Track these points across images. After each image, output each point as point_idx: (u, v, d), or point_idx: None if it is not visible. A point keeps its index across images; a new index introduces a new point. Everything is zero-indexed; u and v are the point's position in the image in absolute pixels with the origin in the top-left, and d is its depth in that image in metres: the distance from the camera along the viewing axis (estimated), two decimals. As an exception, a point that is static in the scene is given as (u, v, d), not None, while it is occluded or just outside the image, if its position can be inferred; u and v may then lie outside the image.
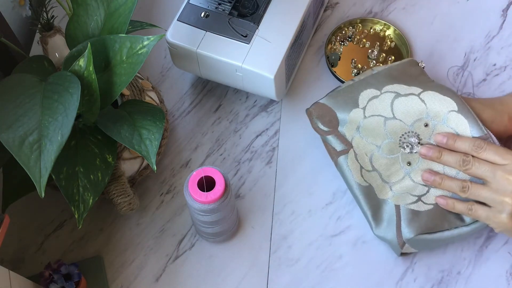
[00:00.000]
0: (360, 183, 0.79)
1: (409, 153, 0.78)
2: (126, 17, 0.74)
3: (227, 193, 0.73)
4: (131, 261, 0.83)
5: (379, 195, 0.79)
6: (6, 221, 0.65)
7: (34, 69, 0.77)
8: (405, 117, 0.80)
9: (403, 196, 0.78)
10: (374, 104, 0.81)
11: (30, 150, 0.63)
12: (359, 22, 0.97)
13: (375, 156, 0.79)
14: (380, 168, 0.79)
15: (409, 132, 0.79)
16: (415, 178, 0.78)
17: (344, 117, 0.81)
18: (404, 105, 0.80)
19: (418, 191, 0.78)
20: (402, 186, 0.78)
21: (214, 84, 0.94)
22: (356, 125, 0.81)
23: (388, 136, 0.79)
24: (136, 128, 0.73)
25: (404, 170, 0.78)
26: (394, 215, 0.77)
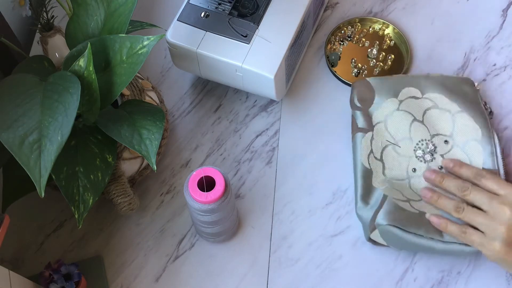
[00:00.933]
0: (363, 164, 0.81)
1: (418, 160, 0.80)
2: (126, 17, 0.74)
3: (227, 193, 0.73)
4: (131, 261, 0.83)
5: (374, 182, 0.80)
6: (6, 221, 0.65)
7: (34, 69, 0.77)
8: (432, 127, 0.82)
9: (395, 192, 0.79)
10: (411, 102, 0.84)
11: (30, 150, 0.63)
12: (358, 22, 0.97)
13: (387, 148, 0.81)
14: (386, 161, 0.81)
15: (428, 140, 0.81)
16: (413, 185, 0.79)
17: (379, 101, 0.84)
18: (435, 117, 0.82)
19: (410, 196, 0.79)
20: (398, 186, 0.79)
21: (214, 84, 0.94)
22: (386, 113, 0.83)
23: (408, 135, 0.81)
24: (136, 128, 0.73)
25: (407, 173, 0.80)
26: (379, 201, 0.78)
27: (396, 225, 0.76)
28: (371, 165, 0.81)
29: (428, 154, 0.80)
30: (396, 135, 0.82)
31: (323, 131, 0.90)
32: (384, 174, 0.80)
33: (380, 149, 0.82)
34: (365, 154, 0.82)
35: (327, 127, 0.90)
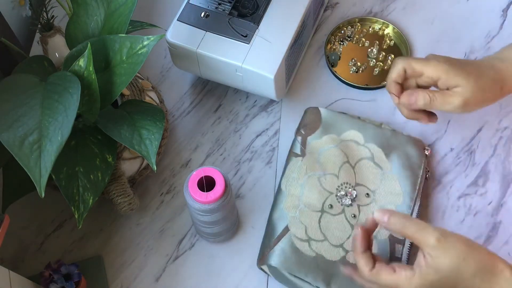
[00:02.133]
0: (282, 187, 0.82)
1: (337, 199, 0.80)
2: (126, 17, 0.74)
3: (227, 193, 0.73)
4: (131, 261, 0.83)
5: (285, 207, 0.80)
6: (6, 221, 0.65)
7: (34, 69, 0.77)
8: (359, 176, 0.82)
9: (297, 227, 0.79)
10: (350, 145, 0.84)
11: (30, 150, 0.63)
12: (358, 22, 0.97)
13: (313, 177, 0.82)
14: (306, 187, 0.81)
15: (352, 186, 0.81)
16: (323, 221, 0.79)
17: (320, 134, 0.85)
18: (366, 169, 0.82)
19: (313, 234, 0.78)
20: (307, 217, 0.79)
21: (214, 84, 0.94)
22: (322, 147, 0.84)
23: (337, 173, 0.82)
24: (136, 128, 0.73)
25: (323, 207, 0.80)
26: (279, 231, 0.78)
27: (285, 270, 0.76)
28: (287, 188, 0.81)
29: (349, 198, 0.80)
30: (326, 168, 0.82)
31: (323, 131, 0.90)
32: (300, 200, 0.80)
33: (304, 174, 0.82)
34: (287, 177, 0.82)
35: (327, 127, 0.90)
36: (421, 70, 0.76)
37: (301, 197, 0.81)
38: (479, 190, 0.84)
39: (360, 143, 0.84)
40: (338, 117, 0.86)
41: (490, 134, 0.88)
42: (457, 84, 0.74)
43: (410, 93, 0.77)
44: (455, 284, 0.64)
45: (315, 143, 0.84)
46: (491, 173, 0.85)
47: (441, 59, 0.77)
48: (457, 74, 0.74)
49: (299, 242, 0.78)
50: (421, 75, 0.77)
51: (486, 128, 0.88)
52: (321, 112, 0.86)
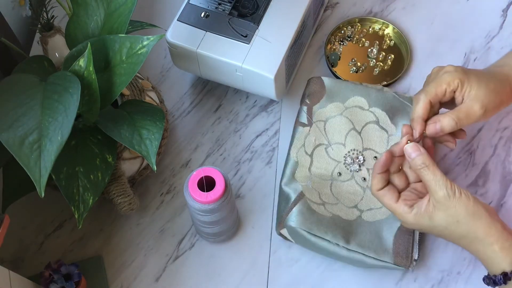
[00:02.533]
0: (292, 155, 0.83)
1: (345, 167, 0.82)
2: (126, 17, 0.74)
3: (227, 193, 0.73)
4: (131, 261, 0.83)
5: (296, 175, 0.82)
6: (6, 221, 0.65)
7: (34, 69, 0.77)
8: (366, 140, 0.83)
9: (312, 192, 0.80)
10: (355, 111, 0.84)
11: (30, 150, 0.63)
12: (358, 22, 0.97)
13: (320, 147, 0.83)
14: (315, 159, 0.82)
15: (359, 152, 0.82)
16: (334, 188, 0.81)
17: (326, 102, 0.85)
18: (373, 133, 0.83)
19: (327, 199, 0.80)
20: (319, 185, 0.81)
21: (214, 84, 0.94)
22: (328, 115, 0.84)
23: (343, 141, 0.83)
24: (136, 128, 0.73)
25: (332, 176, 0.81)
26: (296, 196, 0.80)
27: (304, 229, 0.77)
28: (298, 158, 0.83)
29: (356, 164, 0.82)
30: (332, 138, 0.83)
31: (323, 131, 0.90)
32: (310, 171, 0.82)
33: (313, 146, 0.83)
34: (295, 147, 0.83)
35: (327, 127, 0.90)
36: (443, 89, 0.74)
37: (311, 167, 0.82)
38: (479, 190, 0.84)
39: (365, 108, 0.84)
40: (341, 85, 0.86)
41: (490, 134, 0.88)
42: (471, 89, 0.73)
43: (433, 123, 0.74)
44: (443, 235, 0.71)
45: (320, 112, 0.85)
46: (491, 173, 0.85)
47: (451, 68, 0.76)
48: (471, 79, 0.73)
49: (315, 205, 0.79)
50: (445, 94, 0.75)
51: (486, 128, 0.88)
52: (325, 81, 0.87)
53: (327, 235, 0.76)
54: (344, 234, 0.77)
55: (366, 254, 0.76)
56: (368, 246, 0.76)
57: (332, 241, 0.76)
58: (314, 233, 0.77)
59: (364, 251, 0.76)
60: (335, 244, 0.76)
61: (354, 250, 0.76)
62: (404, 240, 0.77)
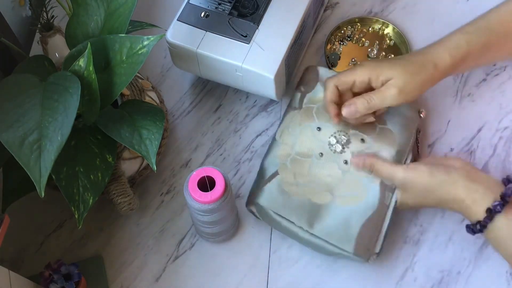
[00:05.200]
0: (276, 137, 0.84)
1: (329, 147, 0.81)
2: (126, 17, 0.74)
3: (227, 193, 0.73)
4: (131, 261, 0.83)
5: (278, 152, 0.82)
6: (6, 221, 0.65)
7: (34, 69, 0.77)
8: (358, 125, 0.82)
9: (287, 172, 0.80)
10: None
11: (30, 150, 0.63)
12: (358, 22, 0.97)
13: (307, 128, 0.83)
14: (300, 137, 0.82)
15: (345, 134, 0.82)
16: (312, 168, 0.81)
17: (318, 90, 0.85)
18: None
19: (302, 179, 0.80)
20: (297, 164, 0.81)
21: (214, 84, 0.94)
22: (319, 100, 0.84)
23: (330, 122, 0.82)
24: (136, 128, 0.73)
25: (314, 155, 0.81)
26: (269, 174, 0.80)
27: (271, 209, 0.78)
28: (282, 138, 0.83)
29: (340, 145, 0.81)
30: (321, 119, 0.83)
31: (323, 131, 0.90)
32: (293, 149, 0.82)
33: (299, 126, 0.83)
34: (281, 128, 0.84)
35: (327, 127, 0.90)
36: (351, 79, 0.79)
37: (294, 146, 0.82)
38: (479, 190, 0.84)
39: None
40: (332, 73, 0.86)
41: (490, 134, 0.88)
42: (387, 77, 0.77)
43: (348, 105, 0.79)
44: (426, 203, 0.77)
45: (312, 97, 0.85)
46: (491, 173, 0.85)
47: (366, 62, 0.81)
48: (383, 68, 0.78)
49: (287, 185, 0.80)
50: (354, 84, 0.79)
51: (486, 128, 0.88)
52: (319, 71, 0.87)
53: (291, 216, 0.77)
54: (310, 217, 0.77)
55: (327, 241, 0.76)
56: (331, 232, 0.76)
57: (296, 223, 0.77)
58: (280, 213, 0.78)
59: (327, 238, 0.76)
60: (299, 227, 0.77)
61: (316, 235, 0.77)
62: (370, 230, 0.76)
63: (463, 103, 0.90)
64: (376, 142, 0.81)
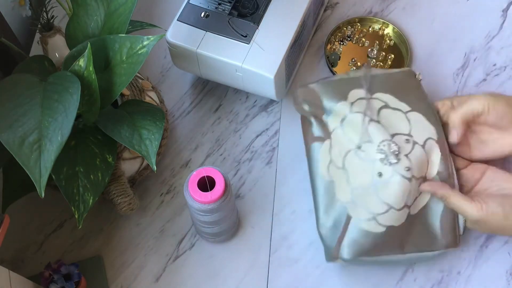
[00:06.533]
0: (323, 177, 0.77)
1: (383, 163, 0.75)
2: (126, 17, 0.74)
3: (227, 193, 0.73)
4: (131, 261, 0.83)
5: (338, 194, 0.76)
6: (6, 221, 0.65)
7: (34, 69, 0.77)
8: (389, 126, 0.78)
9: (358, 209, 0.75)
10: (362, 103, 0.79)
11: (30, 150, 0.63)
12: (358, 22, 0.97)
13: (349, 155, 0.77)
14: (349, 168, 0.76)
15: (389, 141, 0.76)
16: (380, 192, 0.74)
17: (330, 107, 0.80)
18: (390, 116, 0.79)
19: (376, 208, 0.74)
20: (364, 197, 0.75)
21: (214, 84, 0.94)
22: (341, 117, 0.79)
23: (368, 137, 0.77)
24: (136, 128, 0.73)
25: (373, 179, 0.75)
26: (342, 224, 0.75)
27: (361, 258, 0.75)
28: (333, 176, 0.77)
29: (392, 155, 0.75)
30: (356, 139, 0.77)
31: (323, 131, 0.90)
32: (349, 183, 0.76)
33: (342, 157, 0.77)
34: (324, 166, 0.78)
35: (327, 127, 0.90)
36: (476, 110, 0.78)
37: (349, 180, 0.76)
38: (479, 190, 0.84)
39: (368, 97, 0.80)
40: (329, 85, 0.81)
41: (490, 134, 0.88)
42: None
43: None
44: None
45: (332, 118, 0.79)
46: (491, 173, 0.85)
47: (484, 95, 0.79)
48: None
49: (365, 223, 0.74)
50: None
51: (486, 128, 0.88)
52: (314, 88, 0.82)
53: (384, 252, 0.75)
54: (400, 242, 0.75)
55: (421, 250, 0.75)
56: (420, 242, 0.75)
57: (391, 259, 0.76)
58: (371, 256, 0.75)
59: (419, 249, 0.75)
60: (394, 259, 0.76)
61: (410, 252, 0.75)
62: (449, 219, 0.76)
63: (463, 103, 0.90)
64: (416, 133, 0.77)
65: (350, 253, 0.75)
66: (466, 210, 0.73)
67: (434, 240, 0.76)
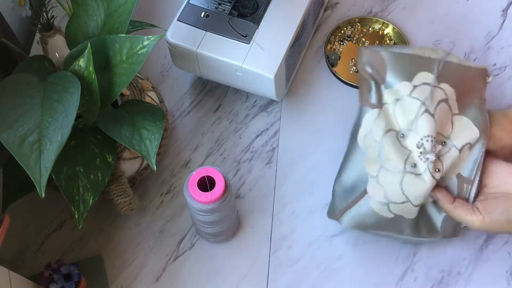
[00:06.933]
0: (359, 142, 0.75)
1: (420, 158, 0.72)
2: (126, 17, 0.74)
3: (227, 193, 0.73)
4: (131, 261, 0.83)
5: (365, 165, 0.74)
6: (6, 221, 0.65)
7: (34, 69, 0.77)
8: (439, 123, 0.74)
9: (378, 190, 0.73)
10: (425, 90, 0.74)
11: (30, 150, 0.63)
12: (358, 22, 0.97)
13: (391, 134, 0.74)
14: (386, 147, 0.73)
15: (434, 138, 0.72)
16: (405, 183, 0.72)
17: (391, 82, 0.75)
18: (443, 112, 0.74)
19: (394, 197, 0.73)
20: (387, 179, 0.73)
21: (214, 84, 0.94)
22: (398, 96, 0.75)
23: (415, 127, 0.73)
24: (136, 128, 0.73)
25: (405, 167, 0.72)
26: (358, 193, 0.74)
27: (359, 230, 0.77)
28: (367, 145, 0.75)
29: (432, 153, 0.72)
30: (403, 124, 0.74)
31: (323, 131, 0.90)
32: (379, 160, 0.73)
33: (383, 132, 0.74)
34: (363, 132, 0.75)
35: (327, 127, 0.90)
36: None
37: (380, 156, 0.73)
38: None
39: (435, 85, 0.75)
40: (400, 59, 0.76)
41: (490, 134, 0.88)
42: None
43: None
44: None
45: (388, 92, 0.75)
46: (491, 173, 0.85)
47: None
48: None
49: (378, 205, 0.73)
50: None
51: (486, 128, 0.88)
52: (383, 55, 0.77)
53: (382, 232, 0.76)
54: (401, 228, 0.75)
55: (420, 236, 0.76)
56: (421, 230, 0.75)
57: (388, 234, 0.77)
58: (369, 231, 0.77)
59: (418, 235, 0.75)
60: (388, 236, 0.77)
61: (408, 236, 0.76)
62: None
63: (463, 103, 0.90)
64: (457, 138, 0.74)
65: (350, 224, 0.76)
66: (468, 222, 0.73)
67: (435, 229, 0.76)
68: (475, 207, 0.73)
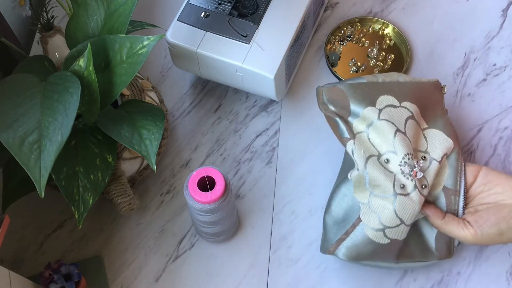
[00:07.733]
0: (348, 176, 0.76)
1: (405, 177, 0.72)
2: (126, 17, 0.74)
3: (227, 193, 0.73)
4: (131, 261, 0.83)
5: (355, 193, 0.74)
6: (6, 221, 0.65)
7: (35, 69, 0.77)
8: (413, 139, 0.75)
9: (372, 217, 0.72)
10: (391, 111, 0.76)
11: (30, 150, 0.63)
12: (358, 22, 0.97)
13: (372, 160, 0.74)
14: (371, 173, 0.73)
15: (412, 156, 0.73)
16: (398, 205, 0.71)
17: (357, 111, 0.76)
18: (413, 129, 0.76)
19: (389, 222, 0.72)
20: (380, 204, 0.72)
21: (214, 84, 0.94)
22: (368, 123, 0.75)
23: (393, 148, 0.73)
24: (136, 128, 0.73)
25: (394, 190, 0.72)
26: (351, 223, 0.74)
27: (355, 262, 0.75)
28: (352, 176, 0.75)
29: (419, 171, 0.72)
30: (381, 148, 0.74)
31: (323, 131, 0.90)
32: (368, 187, 0.73)
33: (364, 160, 0.74)
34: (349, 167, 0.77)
35: (327, 127, 0.89)
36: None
37: (367, 184, 0.73)
38: (479, 190, 0.84)
39: (397, 105, 0.76)
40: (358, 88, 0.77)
41: (490, 134, 0.88)
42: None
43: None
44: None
45: (358, 122, 0.76)
46: (491, 173, 0.85)
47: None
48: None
49: (372, 232, 0.72)
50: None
51: (486, 128, 0.88)
52: (343, 89, 0.78)
53: (377, 262, 0.76)
54: (396, 254, 0.75)
55: (414, 261, 0.76)
56: (415, 253, 0.75)
57: (382, 265, 0.76)
58: (365, 263, 0.76)
59: (413, 259, 0.76)
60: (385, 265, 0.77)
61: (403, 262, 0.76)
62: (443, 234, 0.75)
63: (463, 103, 0.90)
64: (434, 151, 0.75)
65: (346, 256, 0.74)
66: (460, 237, 0.72)
67: (429, 251, 0.76)
68: (466, 221, 0.72)
